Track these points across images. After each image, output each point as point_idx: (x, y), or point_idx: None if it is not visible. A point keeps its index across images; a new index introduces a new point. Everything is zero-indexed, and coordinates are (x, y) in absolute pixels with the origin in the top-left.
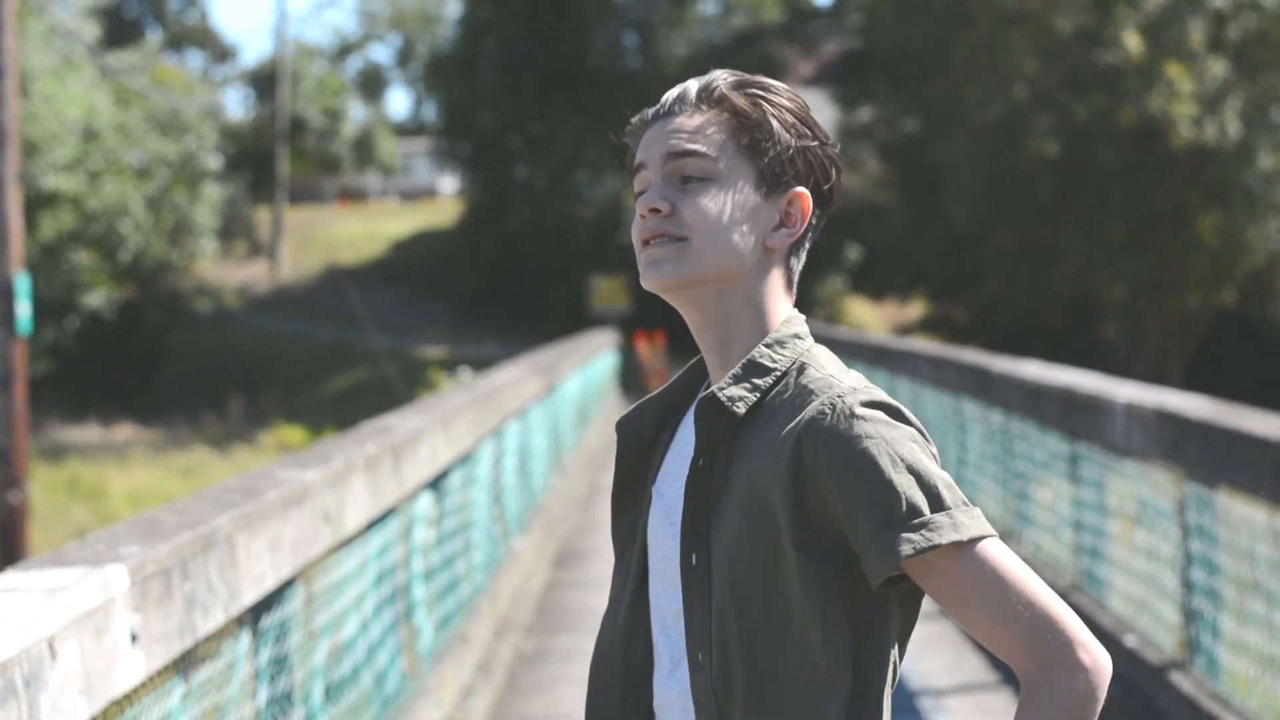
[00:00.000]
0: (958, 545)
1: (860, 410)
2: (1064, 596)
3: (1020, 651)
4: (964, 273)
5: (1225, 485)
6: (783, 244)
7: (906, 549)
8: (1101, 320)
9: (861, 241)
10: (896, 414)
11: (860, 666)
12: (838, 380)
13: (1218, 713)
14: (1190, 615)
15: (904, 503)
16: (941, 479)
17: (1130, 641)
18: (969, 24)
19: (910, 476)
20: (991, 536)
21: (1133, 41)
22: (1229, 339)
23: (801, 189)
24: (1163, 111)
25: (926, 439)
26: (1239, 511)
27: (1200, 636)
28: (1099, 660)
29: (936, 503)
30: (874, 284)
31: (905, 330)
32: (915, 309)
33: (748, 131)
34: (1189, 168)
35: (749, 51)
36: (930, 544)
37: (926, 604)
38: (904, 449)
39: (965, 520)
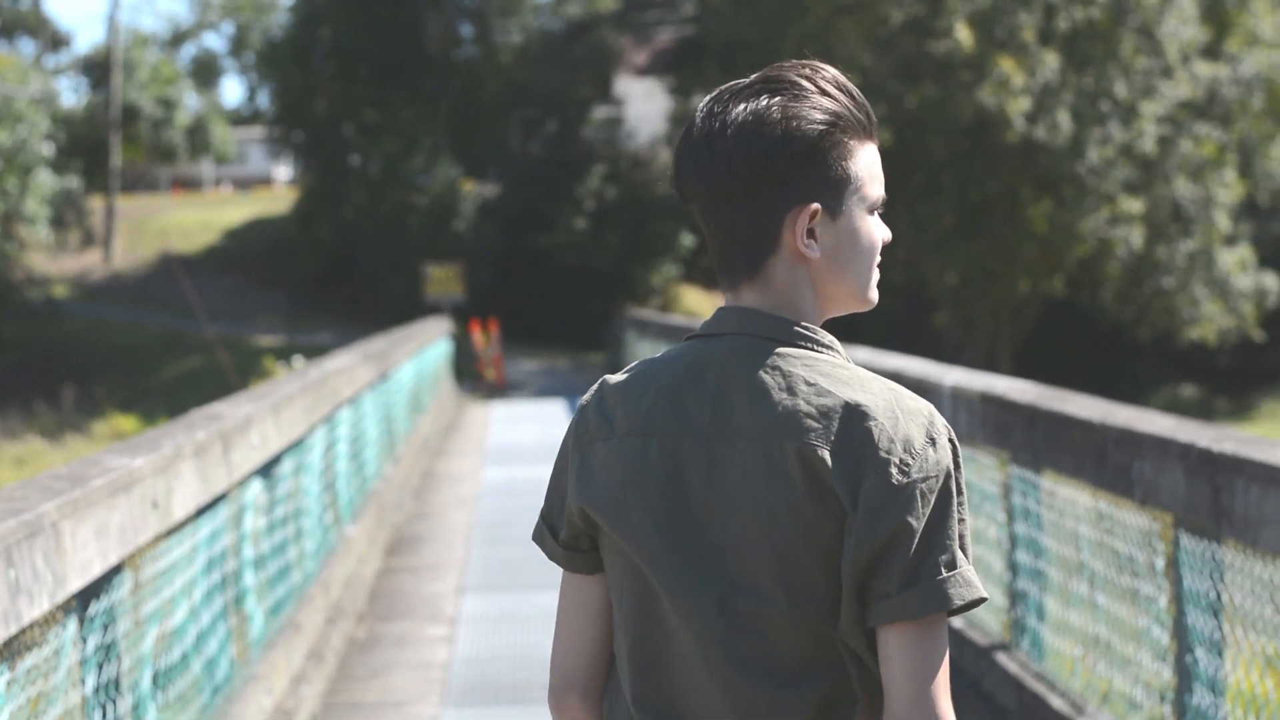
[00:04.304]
0: None
1: None
2: None
3: None
4: None
5: (1049, 468)
6: None
7: None
8: (933, 307)
9: (694, 230)
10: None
11: None
12: None
13: (1043, 693)
14: (1016, 597)
15: None
16: None
17: (957, 623)
18: (802, 13)
19: None
20: None
21: (964, 33)
22: (1059, 326)
23: None
24: (996, 105)
25: None
26: (1063, 494)
27: (1025, 618)
28: None
29: None
30: (707, 272)
31: None
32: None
33: None
34: (1020, 157)
35: (583, 40)
36: None
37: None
38: None
39: None
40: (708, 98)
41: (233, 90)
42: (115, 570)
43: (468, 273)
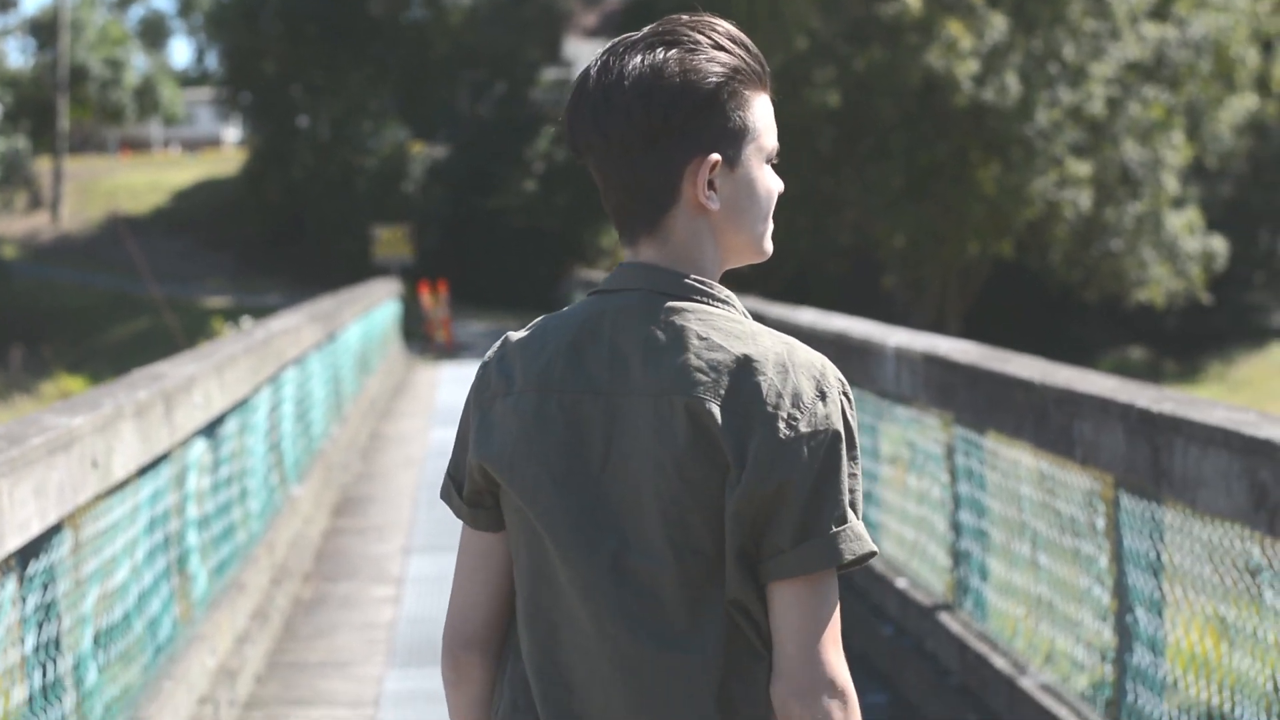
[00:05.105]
0: None
1: None
2: None
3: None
4: None
5: (992, 429)
6: None
7: None
8: (882, 269)
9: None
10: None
11: None
12: None
13: (985, 653)
14: (959, 557)
15: None
16: None
17: (901, 584)
18: None
19: None
20: None
21: None
22: (1008, 289)
23: None
24: (944, 67)
25: None
26: (1006, 455)
27: (969, 578)
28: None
29: None
30: None
31: None
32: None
33: None
34: (969, 120)
35: (532, 2)
36: None
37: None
38: None
39: None
40: (601, 51)
41: (181, 51)
42: (54, 529)
43: (416, 234)
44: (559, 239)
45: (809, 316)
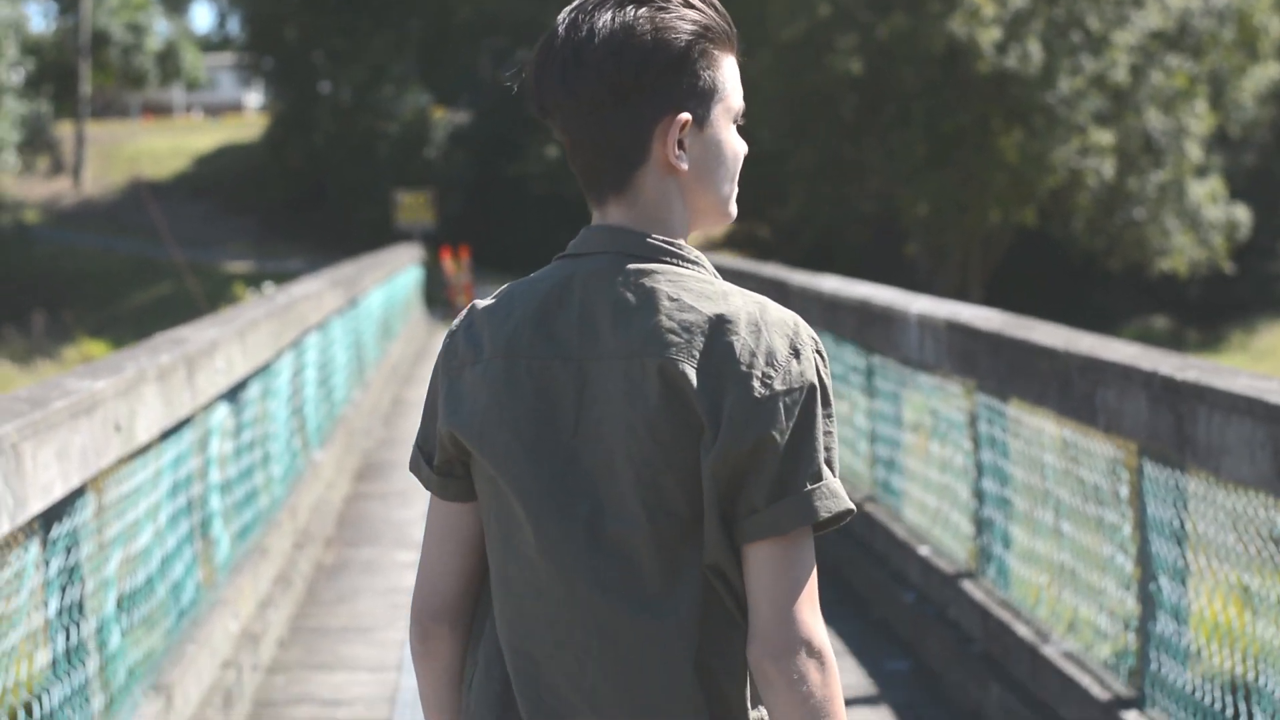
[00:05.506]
0: None
1: None
2: (860, 508)
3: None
4: (768, 190)
5: (1015, 397)
6: None
7: None
8: (905, 237)
9: None
10: None
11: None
12: None
13: (1008, 620)
14: (981, 525)
15: None
16: None
17: (923, 551)
18: None
19: None
20: None
21: None
22: (1030, 257)
23: None
24: (967, 34)
25: None
26: (1029, 422)
27: (991, 546)
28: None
29: None
30: None
31: (711, 248)
32: (719, 227)
33: None
34: (991, 88)
35: None
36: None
37: None
38: None
39: None
40: (568, 8)
41: (203, 16)
42: (78, 493)
43: (438, 200)
44: (581, 205)
45: (832, 284)
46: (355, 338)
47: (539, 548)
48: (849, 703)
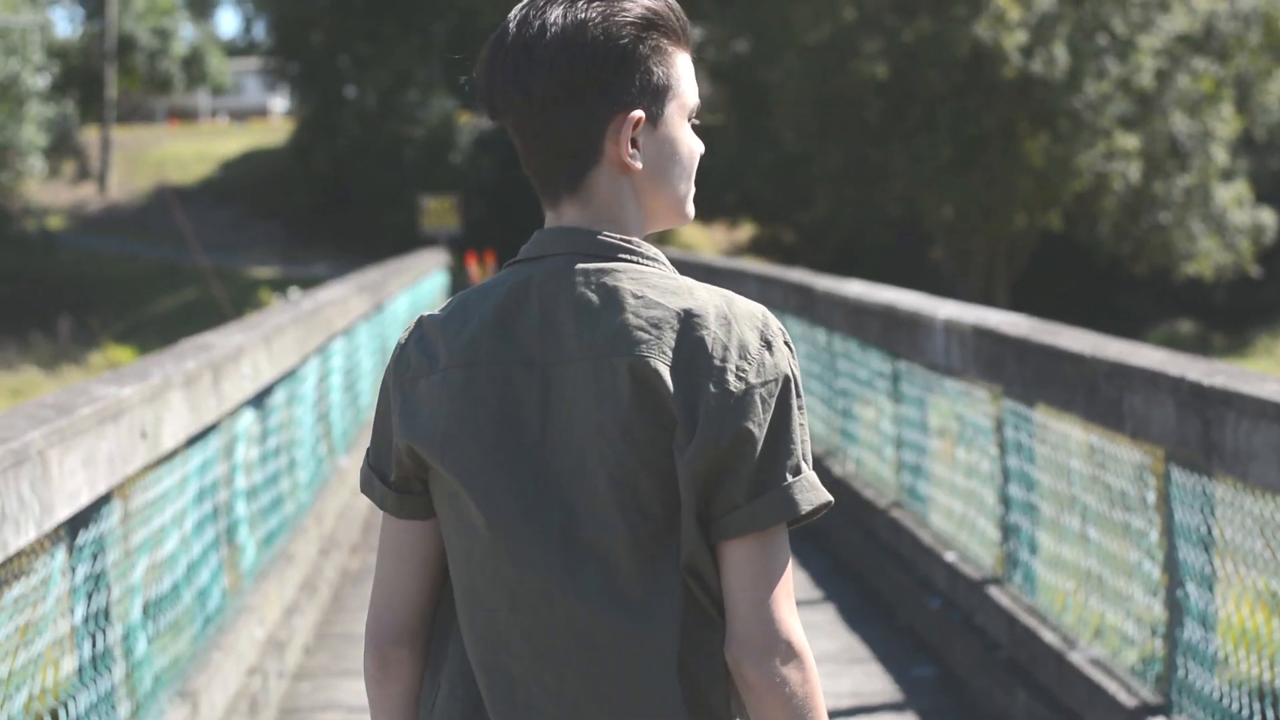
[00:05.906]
0: None
1: None
2: (885, 514)
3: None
4: (793, 194)
5: (1041, 402)
6: None
7: None
8: (929, 241)
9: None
10: None
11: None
12: None
13: (1034, 626)
14: (1008, 531)
15: None
16: None
17: (949, 557)
18: None
19: None
20: None
21: None
22: (1055, 261)
23: None
24: (992, 38)
25: None
26: (1055, 428)
27: (1018, 552)
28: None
29: None
30: (703, 206)
31: (736, 252)
32: (745, 231)
33: None
34: (1016, 92)
35: None
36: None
37: None
38: None
39: None
40: (519, 6)
41: (228, 21)
42: (104, 499)
43: (464, 205)
44: None
45: (857, 288)
46: (381, 343)
47: (510, 558)
48: (875, 709)
